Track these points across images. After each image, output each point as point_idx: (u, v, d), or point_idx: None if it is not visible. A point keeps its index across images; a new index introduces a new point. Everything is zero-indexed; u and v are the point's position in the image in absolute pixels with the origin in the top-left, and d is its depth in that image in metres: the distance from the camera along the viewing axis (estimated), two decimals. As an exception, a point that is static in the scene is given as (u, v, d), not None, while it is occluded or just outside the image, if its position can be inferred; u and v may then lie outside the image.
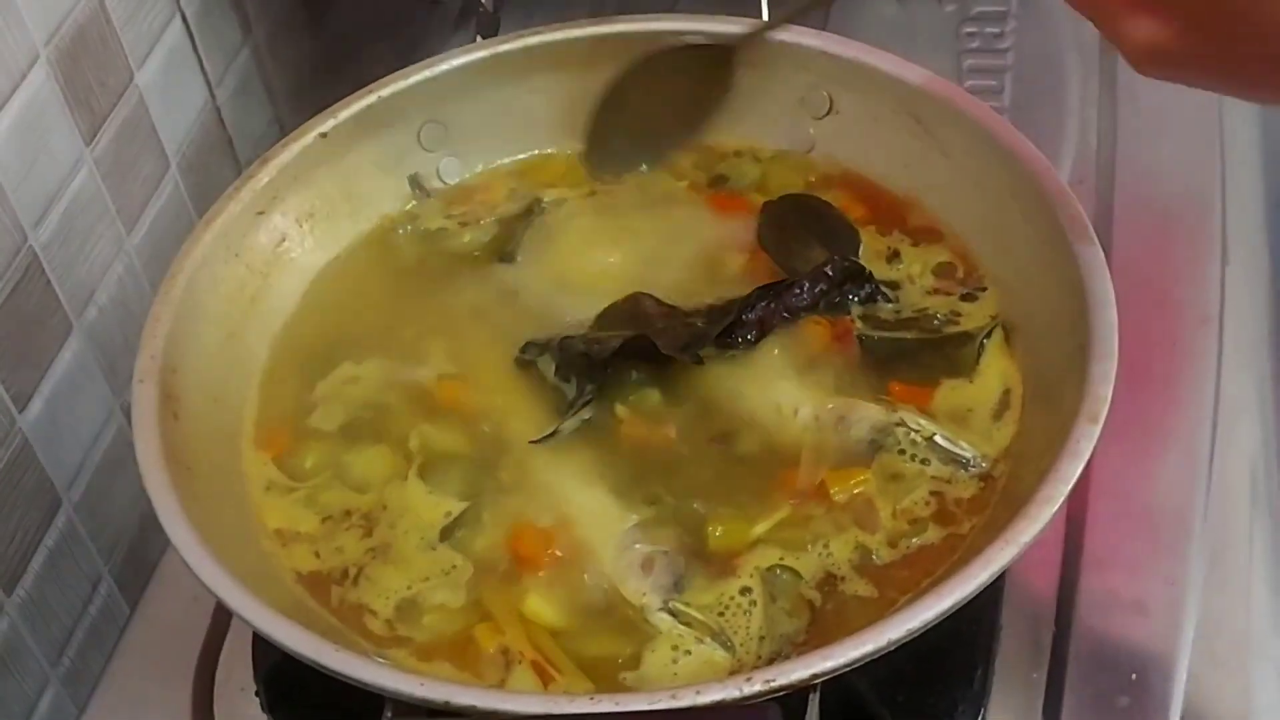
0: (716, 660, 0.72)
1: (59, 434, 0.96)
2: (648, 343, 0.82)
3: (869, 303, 0.86)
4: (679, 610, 0.74)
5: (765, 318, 0.84)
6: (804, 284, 0.85)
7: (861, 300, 0.86)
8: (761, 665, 0.71)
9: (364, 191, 0.94)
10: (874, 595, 0.74)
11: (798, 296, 0.85)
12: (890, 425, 0.79)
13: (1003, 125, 0.86)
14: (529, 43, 0.95)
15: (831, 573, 0.75)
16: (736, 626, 0.73)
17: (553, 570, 0.76)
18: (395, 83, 0.93)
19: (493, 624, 0.75)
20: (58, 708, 0.97)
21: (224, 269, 0.87)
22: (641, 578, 0.75)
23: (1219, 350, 0.97)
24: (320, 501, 0.81)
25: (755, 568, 0.75)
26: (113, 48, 1.00)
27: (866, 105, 0.91)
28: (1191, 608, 0.85)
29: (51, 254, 0.94)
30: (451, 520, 0.79)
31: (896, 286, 0.87)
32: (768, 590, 0.74)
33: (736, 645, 0.72)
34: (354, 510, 0.80)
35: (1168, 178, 1.07)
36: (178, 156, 1.09)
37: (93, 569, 1.01)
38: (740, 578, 0.75)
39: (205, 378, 0.83)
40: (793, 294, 0.85)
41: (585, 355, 0.83)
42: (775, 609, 0.74)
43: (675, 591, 0.75)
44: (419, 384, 0.86)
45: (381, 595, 0.76)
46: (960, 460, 0.78)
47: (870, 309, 0.86)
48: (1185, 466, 0.92)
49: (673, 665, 0.72)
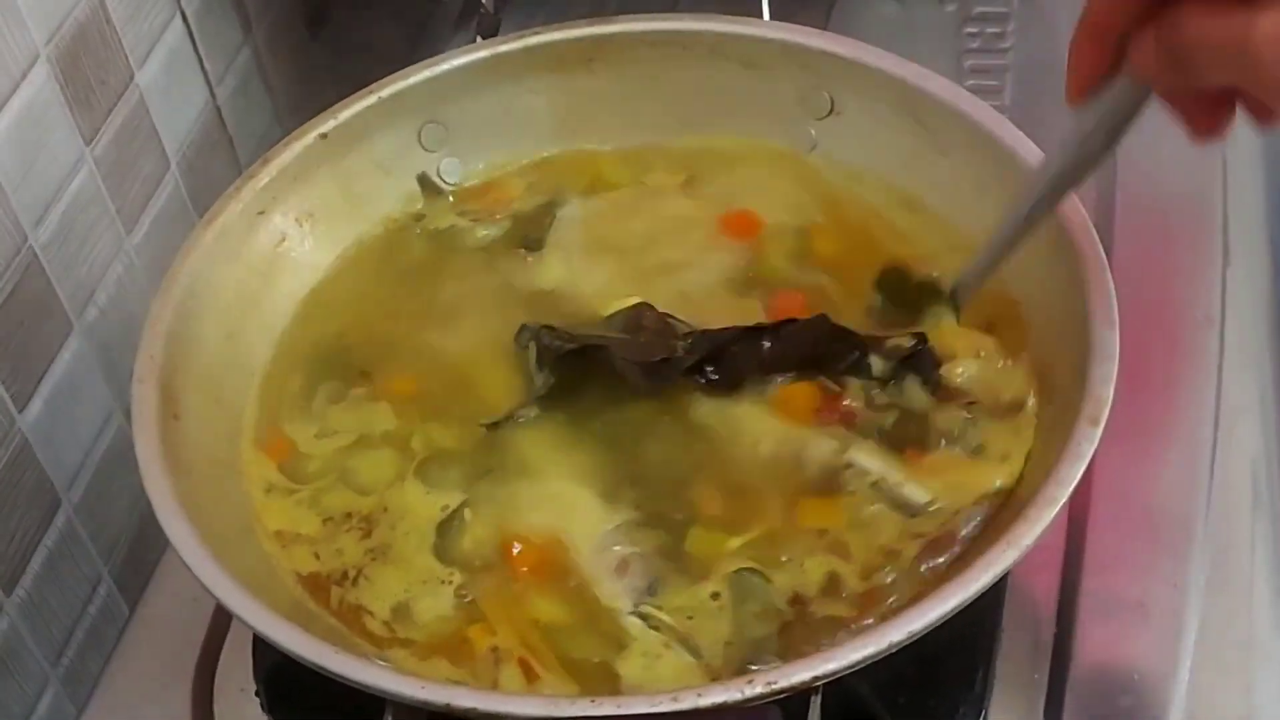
0: (685, 665, 0.72)
1: (58, 434, 0.96)
2: (605, 353, 0.81)
3: (856, 372, 0.81)
4: (648, 614, 0.73)
5: (739, 367, 0.81)
6: (779, 337, 0.81)
7: (846, 369, 0.81)
8: (730, 673, 0.70)
9: (364, 192, 0.94)
10: (843, 615, 0.72)
11: (772, 350, 0.81)
12: (839, 468, 0.78)
13: (1004, 125, 0.86)
14: (529, 43, 0.95)
15: (800, 593, 0.74)
16: (704, 630, 0.73)
17: (539, 569, 0.76)
18: (396, 83, 0.93)
19: (485, 624, 0.75)
20: (57, 708, 0.97)
21: (224, 269, 0.86)
22: (615, 580, 0.75)
23: (1220, 351, 0.97)
24: (322, 504, 0.81)
25: (726, 572, 0.75)
26: (113, 47, 1.00)
27: (867, 105, 0.91)
28: (1193, 609, 0.85)
29: (51, 254, 0.94)
30: (447, 515, 0.79)
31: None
32: (736, 593, 0.74)
33: (704, 650, 0.72)
34: (355, 512, 0.80)
35: (1169, 178, 1.06)
36: (178, 156, 1.09)
37: (92, 569, 1.00)
38: (712, 581, 0.74)
39: (205, 378, 0.83)
40: (766, 347, 0.81)
41: (549, 349, 0.83)
42: (744, 612, 0.73)
43: (648, 595, 0.74)
44: (422, 380, 0.86)
45: (379, 597, 0.76)
46: (908, 506, 0.76)
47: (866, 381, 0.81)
48: (1187, 468, 0.92)
49: (645, 671, 0.72)
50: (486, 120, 0.96)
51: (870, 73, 0.90)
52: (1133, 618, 0.85)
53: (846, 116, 0.93)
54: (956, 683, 0.80)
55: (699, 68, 0.95)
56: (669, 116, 0.96)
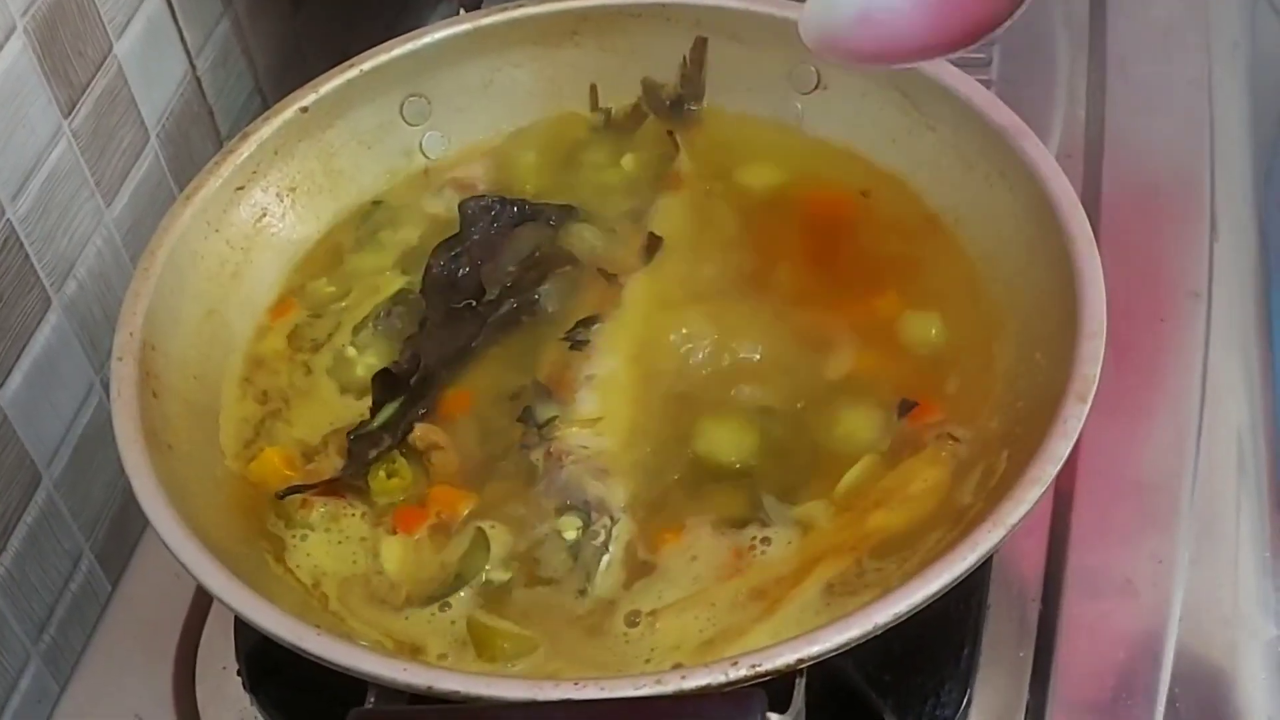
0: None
1: (38, 409, 0.95)
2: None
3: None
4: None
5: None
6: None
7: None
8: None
9: (346, 167, 0.93)
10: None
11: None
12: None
13: (990, 100, 0.85)
14: (512, 15, 0.94)
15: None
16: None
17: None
18: (377, 56, 0.92)
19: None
20: (39, 685, 0.96)
21: (204, 245, 0.86)
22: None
23: (1207, 326, 0.97)
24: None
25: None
26: (91, 18, 0.99)
27: (853, 80, 0.90)
28: (1179, 585, 0.85)
29: (30, 227, 0.93)
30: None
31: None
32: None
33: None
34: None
35: (1156, 152, 1.06)
36: (158, 128, 1.08)
37: (74, 546, 1.00)
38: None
39: (185, 355, 0.82)
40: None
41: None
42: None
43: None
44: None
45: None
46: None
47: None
48: (1173, 442, 0.92)
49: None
50: (470, 94, 0.96)
51: (857, 47, 0.90)
52: (1119, 594, 0.85)
53: (832, 91, 0.92)
54: (942, 661, 0.80)
55: (684, 41, 0.94)
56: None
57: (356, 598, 0.75)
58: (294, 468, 0.81)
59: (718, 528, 0.76)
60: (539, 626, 0.73)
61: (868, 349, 0.83)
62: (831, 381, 0.82)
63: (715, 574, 0.74)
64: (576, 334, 0.84)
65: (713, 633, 0.71)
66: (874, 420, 0.79)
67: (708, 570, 0.74)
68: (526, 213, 0.90)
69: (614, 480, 0.77)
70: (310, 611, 0.74)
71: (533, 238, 0.89)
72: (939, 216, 0.88)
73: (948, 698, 0.79)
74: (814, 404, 0.81)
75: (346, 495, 0.79)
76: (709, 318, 0.83)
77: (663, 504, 0.77)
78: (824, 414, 0.80)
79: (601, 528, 0.75)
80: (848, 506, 0.76)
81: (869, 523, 0.75)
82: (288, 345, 0.87)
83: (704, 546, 0.75)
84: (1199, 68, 1.13)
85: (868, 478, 0.77)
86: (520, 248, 0.88)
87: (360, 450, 0.80)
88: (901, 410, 0.79)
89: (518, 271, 0.87)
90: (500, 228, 0.89)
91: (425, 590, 0.75)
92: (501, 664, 0.71)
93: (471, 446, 0.80)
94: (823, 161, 0.92)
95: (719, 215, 0.91)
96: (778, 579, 0.73)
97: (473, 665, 0.72)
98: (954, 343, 0.83)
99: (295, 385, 0.85)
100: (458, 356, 0.84)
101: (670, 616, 0.72)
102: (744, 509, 0.76)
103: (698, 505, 0.77)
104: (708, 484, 0.78)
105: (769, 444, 0.79)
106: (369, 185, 0.94)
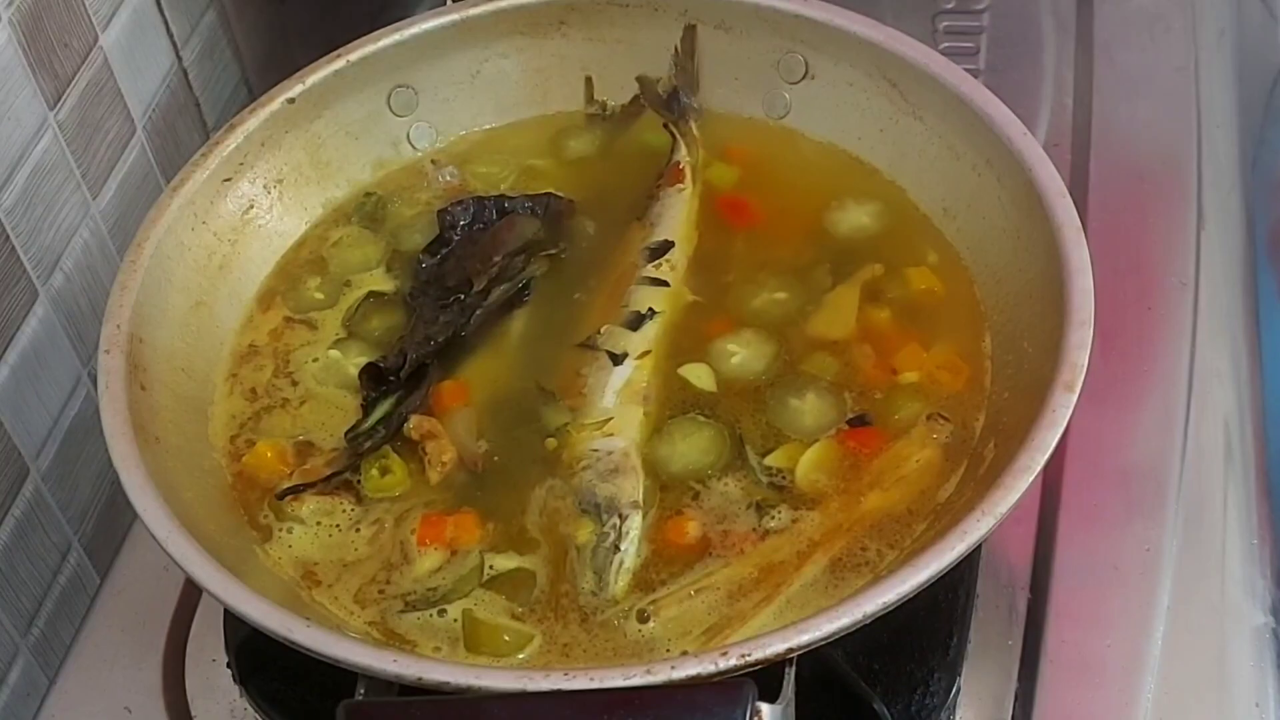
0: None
1: (25, 402, 0.95)
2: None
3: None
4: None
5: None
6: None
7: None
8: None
9: (333, 158, 0.93)
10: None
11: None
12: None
13: (977, 89, 0.85)
14: (500, 6, 0.94)
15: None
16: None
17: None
18: (364, 47, 0.92)
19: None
20: (28, 678, 0.96)
21: (191, 237, 0.86)
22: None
23: (1194, 313, 0.97)
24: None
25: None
26: (76, 9, 0.98)
27: (841, 70, 0.90)
28: (1166, 571, 0.86)
29: (16, 219, 0.92)
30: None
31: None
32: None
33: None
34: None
35: (1143, 141, 1.06)
36: (144, 120, 1.07)
37: (62, 538, 1.00)
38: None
39: (173, 347, 0.82)
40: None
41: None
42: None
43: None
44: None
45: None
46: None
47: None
48: (1161, 430, 0.92)
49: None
50: (457, 85, 0.95)
51: (844, 36, 0.90)
52: (1106, 582, 0.85)
53: (820, 80, 0.92)
54: (931, 649, 0.80)
55: (671, 30, 0.94)
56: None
57: (347, 591, 0.75)
58: (286, 461, 0.81)
59: (718, 513, 0.76)
60: (541, 626, 0.73)
61: (851, 342, 0.83)
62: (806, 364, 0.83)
63: (718, 560, 0.74)
64: (592, 340, 0.84)
65: (717, 618, 0.72)
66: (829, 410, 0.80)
67: (710, 556, 0.75)
68: (505, 207, 0.90)
69: (622, 479, 0.77)
70: (299, 604, 0.74)
71: (515, 228, 0.89)
72: (926, 205, 0.88)
73: (937, 686, 0.79)
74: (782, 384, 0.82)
75: (339, 493, 0.79)
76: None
77: (665, 492, 0.78)
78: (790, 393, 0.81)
79: (611, 528, 0.75)
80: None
81: (865, 503, 0.76)
82: (276, 339, 0.87)
83: (706, 532, 0.76)
84: (1185, 55, 1.13)
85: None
86: (505, 239, 0.88)
87: (355, 446, 0.80)
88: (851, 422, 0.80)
89: (503, 261, 0.87)
90: (481, 225, 0.89)
91: (421, 595, 0.75)
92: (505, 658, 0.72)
93: (468, 437, 0.80)
94: (812, 153, 0.93)
95: (717, 212, 0.91)
96: (780, 562, 0.74)
97: (463, 657, 0.72)
98: (941, 331, 0.83)
99: (284, 379, 0.85)
100: (448, 347, 0.84)
101: (672, 604, 0.73)
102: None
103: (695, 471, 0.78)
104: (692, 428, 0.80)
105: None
106: (356, 177, 0.94)
